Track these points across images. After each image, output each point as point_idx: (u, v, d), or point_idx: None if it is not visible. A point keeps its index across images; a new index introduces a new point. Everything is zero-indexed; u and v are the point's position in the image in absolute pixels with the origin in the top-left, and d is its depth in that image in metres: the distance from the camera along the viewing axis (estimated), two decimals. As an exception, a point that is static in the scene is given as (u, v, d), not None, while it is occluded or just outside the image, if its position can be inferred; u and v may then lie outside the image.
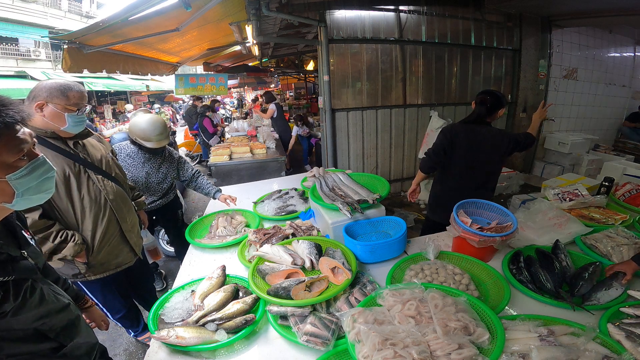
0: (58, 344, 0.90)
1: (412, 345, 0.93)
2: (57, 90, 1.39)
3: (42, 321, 0.86)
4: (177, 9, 2.72)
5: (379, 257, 1.57)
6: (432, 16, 4.25)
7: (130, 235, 1.77)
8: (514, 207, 3.03)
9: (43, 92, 1.38)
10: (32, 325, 0.84)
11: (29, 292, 0.83)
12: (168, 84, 14.87)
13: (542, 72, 4.79)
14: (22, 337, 0.81)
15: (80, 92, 1.46)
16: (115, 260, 1.73)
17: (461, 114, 4.73)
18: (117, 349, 2.31)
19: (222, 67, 8.34)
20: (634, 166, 3.80)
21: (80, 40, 3.34)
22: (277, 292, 1.25)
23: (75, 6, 15.28)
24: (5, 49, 11.51)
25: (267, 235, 1.74)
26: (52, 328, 0.89)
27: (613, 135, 5.82)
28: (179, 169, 2.48)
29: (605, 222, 1.81)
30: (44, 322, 0.87)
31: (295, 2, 3.65)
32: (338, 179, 2.12)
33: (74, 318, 1.01)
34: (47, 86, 1.40)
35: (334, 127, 4.22)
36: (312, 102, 10.29)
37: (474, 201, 1.72)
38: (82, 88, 1.49)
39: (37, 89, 1.39)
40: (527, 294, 1.30)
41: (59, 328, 0.91)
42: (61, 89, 1.40)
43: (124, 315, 2.03)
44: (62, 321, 0.94)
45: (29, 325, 0.83)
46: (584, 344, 0.97)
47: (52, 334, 0.89)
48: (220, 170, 4.07)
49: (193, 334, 1.14)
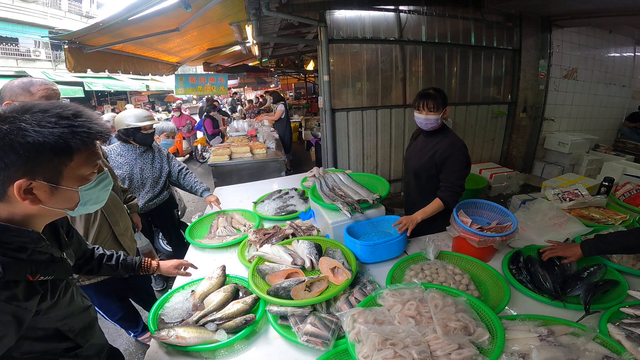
0: (75, 344, 0.92)
1: (412, 345, 0.93)
2: (19, 87, 1.34)
3: (65, 321, 0.88)
4: (177, 9, 2.72)
5: (379, 257, 1.57)
6: (432, 16, 4.25)
7: (123, 239, 1.76)
8: (514, 207, 3.03)
9: (7, 92, 1.33)
10: (56, 324, 0.85)
11: (62, 291, 0.86)
12: (168, 84, 14.89)
13: (542, 72, 4.78)
14: (42, 336, 0.83)
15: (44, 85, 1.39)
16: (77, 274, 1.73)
17: (461, 114, 4.74)
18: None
19: (222, 67, 8.33)
20: (634, 166, 3.80)
21: (80, 41, 3.34)
22: (277, 292, 1.25)
23: (75, 6, 15.30)
24: (5, 49, 11.52)
25: (267, 235, 1.74)
26: (71, 328, 0.90)
27: (613, 135, 5.82)
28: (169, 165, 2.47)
29: (605, 222, 1.81)
30: (65, 322, 0.88)
31: (295, 2, 3.65)
32: (338, 179, 2.12)
33: (92, 320, 1.03)
34: (10, 86, 1.35)
35: (334, 127, 4.22)
36: (312, 102, 10.30)
37: (474, 201, 1.72)
38: (48, 81, 1.42)
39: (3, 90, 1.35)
40: (527, 294, 1.30)
41: (77, 329, 0.93)
42: (23, 86, 1.35)
43: (121, 317, 2.04)
44: (81, 322, 0.96)
45: (53, 324, 0.85)
46: (584, 344, 0.97)
47: (71, 334, 0.90)
48: (220, 170, 4.07)
49: (193, 334, 1.14)
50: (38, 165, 0.68)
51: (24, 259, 0.73)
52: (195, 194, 2.44)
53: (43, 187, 0.70)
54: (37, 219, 0.77)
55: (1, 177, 0.67)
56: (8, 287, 0.69)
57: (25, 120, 0.66)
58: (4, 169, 0.66)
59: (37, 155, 0.67)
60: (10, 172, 0.66)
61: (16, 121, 0.66)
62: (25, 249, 0.74)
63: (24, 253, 0.73)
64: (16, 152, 0.65)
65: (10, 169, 0.66)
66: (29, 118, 0.67)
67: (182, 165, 2.53)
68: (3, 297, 0.68)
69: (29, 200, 0.69)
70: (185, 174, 2.49)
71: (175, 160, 2.52)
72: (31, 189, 0.69)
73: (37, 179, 0.68)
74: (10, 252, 0.71)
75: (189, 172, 2.52)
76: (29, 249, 0.74)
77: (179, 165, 2.51)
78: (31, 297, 0.74)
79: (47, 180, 0.70)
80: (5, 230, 0.70)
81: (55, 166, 0.70)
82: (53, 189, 0.72)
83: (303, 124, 7.72)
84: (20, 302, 0.71)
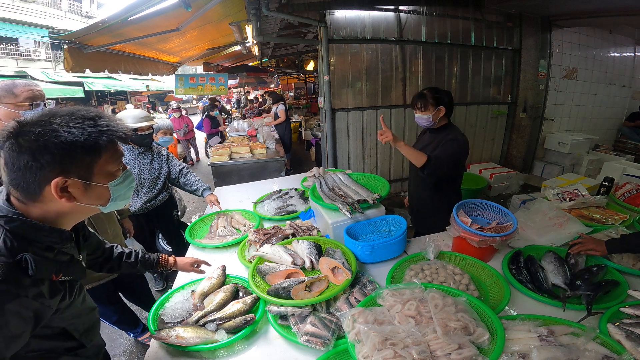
0: (79, 344, 0.93)
1: (412, 345, 0.93)
2: (3, 90, 1.36)
3: (72, 321, 0.89)
4: (177, 9, 2.72)
5: (378, 257, 1.57)
6: (432, 16, 4.25)
7: None
8: (514, 207, 3.03)
9: None
10: (64, 323, 0.87)
11: (77, 292, 0.90)
12: (168, 84, 14.89)
13: (542, 72, 4.78)
14: (50, 334, 0.84)
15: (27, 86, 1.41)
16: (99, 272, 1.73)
17: (461, 114, 4.74)
18: (117, 349, 2.31)
19: (222, 67, 8.33)
20: (634, 166, 3.80)
21: (80, 40, 3.34)
22: (277, 292, 1.25)
23: (75, 6, 15.30)
24: (5, 49, 11.52)
25: (267, 235, 1.74)
26: (77, 328, 0.92)
27: (613, 135, 5.82)
28: (168, 165, 2.45)
29: (605, 222, 1.81)
30: (73, 322, 0.90)
31: (295, 2, 3.65)
32: (338, 179, 2.11)
33: (96, 321, 1.05)
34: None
35: (334, 127, 4.22)
36: (312, 102, 10.29)
37: (474, 201, 1.72)
38: (31, 83, 1.44)
39: None
40: (527, 294, 1.30)
41: (83, 329, 0.94)
42: (6, 88, 1.36)
43: (117, 320, 2.06)
44: (87, 323, 0.98)
45: (63, 323, 0.87)
46: (584, 344, 0.97)
47: (76, 333, 0.92)
48: (220, 170, 4.07)
49: (193, 334, 1.14)
50: (71, 163, 0.73)
51: (51, 258, 0.76)
52: (196, 193, 2.41)
53: (77, 185, 0.75)
54: (68, 217, 0.81)
55: (38, 177, 0.70)
56: (36, 284, 0.72)
57: (56, 123, 0.71)
58: (40, 169, 0.70)
59: (71, 154, 0.71)
60: (46, 172, 0.70)
61: (47, 124, 0.70)
62: (52, 248, 0.77)
63: (51, 252, 0.77)
64: (51, 152, 0.69)
65: (46, 169, 0.70)
66: (58, 120, 0.72)
67: (182, 165, 2.51)
68: (31, 294, 0.71)
69: (66, 198, 0.74)
70: (186, 173, 2.48)
71: (175, 160, 2.51)
72: (66, 187, 0.73)
73: (71, 176, 0.73)
74: (40, 251, 0.74)
75: (189, 171, 2.50)
76: (55, 249, 0.78)
77: (179, 165, 2.49)
78: (55, 295, 0.77)
79: (80, 177, 0.75)
80: (39, 229, 0.74)
81: (87, 164, 0.75)
82: (86, 186, 0.77)
83: (303, 124, 7.71)
84: (45, 299, 0.74)
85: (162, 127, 2.78)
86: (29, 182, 0.71)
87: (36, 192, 0.72)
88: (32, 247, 0.72)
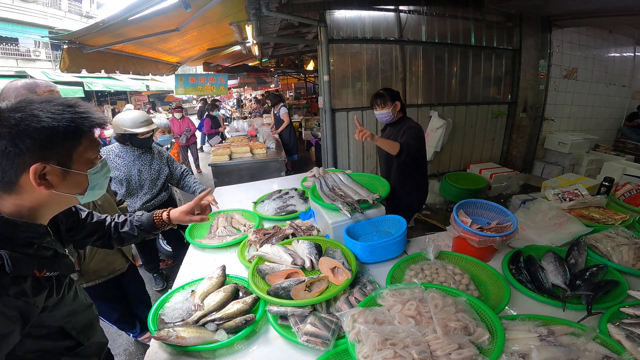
0: (76, 342, 0.92)
1: (412, 345, 0.93)
2: (25, 88, 1.34)
3: (68, 319, 0.88)
4: (177, 9, 2.72)
5: (378, 257, 1.57)
6: (432, 16, 4.25)
7: None
8: (514, 207, 3.02)
9: (11, 92, 1.33)
10: (60, 322, 0.86)
11: (67, 288, 0.88)
12: (168, 84, 14.89)
13: (542, 72, 4.78)
14: (45, 334, 0.83)
15: (48, 87, 1.40)
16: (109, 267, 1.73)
17: (461, 114, 4.74)
18: (117, 349, 2.31)
19: (222, 67, 8.33)
20: (634, 166, 3.80)
21: (80, 40, 3.34)
22: (277, 292, 1.25)
23: (75, 6, 15.30)
24: (5, 49, 11.52)
25: (267, 235, 1.74)
26: (74, 326, 0.91)
27: (613, 135, 5.82)
28: (169, 167, 2.51)
29: (605, 222, 1.81)
30: (69, 320, 0.88)
31: (295, 2, 3.65)
32: (338, 179, 2.11)
33: (93, 318, 1.03)
34: (15, 86, 1.35)
35: (334, 127, 4.22)
36: (312, 102, 10.28)
37: (474, 201, 1.72)
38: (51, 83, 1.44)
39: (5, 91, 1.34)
40: (527, 294, 1.30)
41: (80, 327, 0.93)
42: (28, 87, 1.35)
43: (117, 319, 2.05)
44: (84, 320, 0.96)
45: (58, 322, 0.85)
46: (584, 344, 0.97)
47: (74, 332, 0.90)
48: (220, 170, 4.07)
49: (193, 334, 1.14)
50: (52, 149, 0.71)
51: (31, 254, 0.75)
52: (194, 195, 2.45)
53: (56, 172, 0.74)
54: (45, 209, 0.79)
55: (15, 163, 0.69)
56: (17, 282, 0.70)
57: (36, 109, 0.70)
58: (18, 155, 0.68)
59: (52, 140, 0.70)
60: (25, 157, 0.69)
61: (27, 109, 0.69)
62: (32, 244, 0.75)
63: (30, 248, 0.75)
64: (32, 137, 0.68)
65: (25, 155, 0.69)
66: (38, 107, 0.71)
67: (184, 168, 2.61)
68: (12, 293, 0.69)
69: (44, 185, 0.72)
70: (186, 176, 2.58)
71: (176, 163, 2.59)
72: (44, 175, 0.72)
73: (50, 163, 0.72)
74: (18, 247, 0.72)
75: (189, 174, 2.61)
76: (35, 244, 0.76)
77: (181, 167, 2.58)
78: (39, 293, 0.75)
79: (59, 164, 0.74)
80: (15, 226, 0.72)
81: (66, 150, 0.74)
82: (65, 173, 0.75)
83: (303, 124, 7.71)
84: (28, 297, 0.72)
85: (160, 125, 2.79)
86: (5, 170, 0.69)
87: (12, 180, 0.70)
88: (9, 244, 0.71)
